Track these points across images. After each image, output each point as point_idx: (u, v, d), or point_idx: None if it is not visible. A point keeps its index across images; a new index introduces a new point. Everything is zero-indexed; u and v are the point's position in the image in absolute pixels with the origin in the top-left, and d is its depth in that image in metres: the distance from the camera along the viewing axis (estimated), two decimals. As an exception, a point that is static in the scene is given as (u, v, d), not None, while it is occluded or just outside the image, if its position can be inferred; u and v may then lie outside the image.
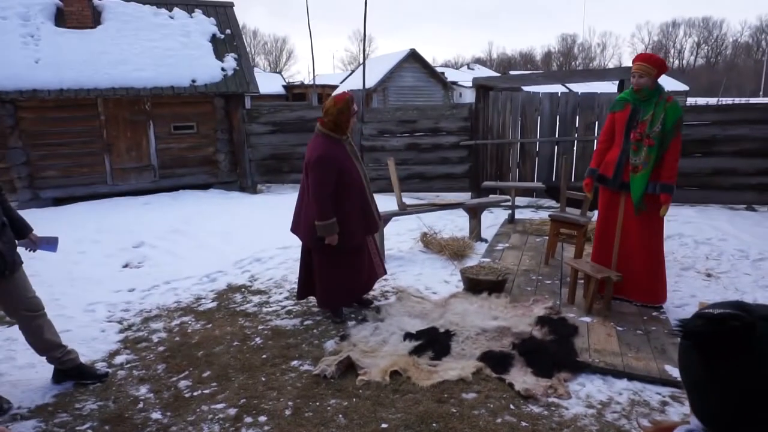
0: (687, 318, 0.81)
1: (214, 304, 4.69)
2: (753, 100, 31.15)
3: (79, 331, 4.09)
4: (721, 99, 30.91)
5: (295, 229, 4.21)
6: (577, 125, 8.41)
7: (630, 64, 4.22)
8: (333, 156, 3.87)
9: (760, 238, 6.08)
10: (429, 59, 30.20)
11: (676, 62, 75.19)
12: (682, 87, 38.20)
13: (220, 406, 3.06)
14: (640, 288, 4.20)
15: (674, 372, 3.21)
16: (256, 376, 3.38)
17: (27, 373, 3.46)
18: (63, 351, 3.30)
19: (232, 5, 11.54)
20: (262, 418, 2.92)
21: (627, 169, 4.06)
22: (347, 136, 4.07)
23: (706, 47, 75.87)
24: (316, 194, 3.83)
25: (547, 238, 5.65)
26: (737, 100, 31.98)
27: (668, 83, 36.91)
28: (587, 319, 4.00)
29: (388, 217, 5.79)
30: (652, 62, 3.91)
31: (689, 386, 0.82)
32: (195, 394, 3.21)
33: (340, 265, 4.09)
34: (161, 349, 3.83)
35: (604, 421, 2.83)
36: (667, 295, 4.28)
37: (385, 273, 4.55)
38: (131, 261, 5.94)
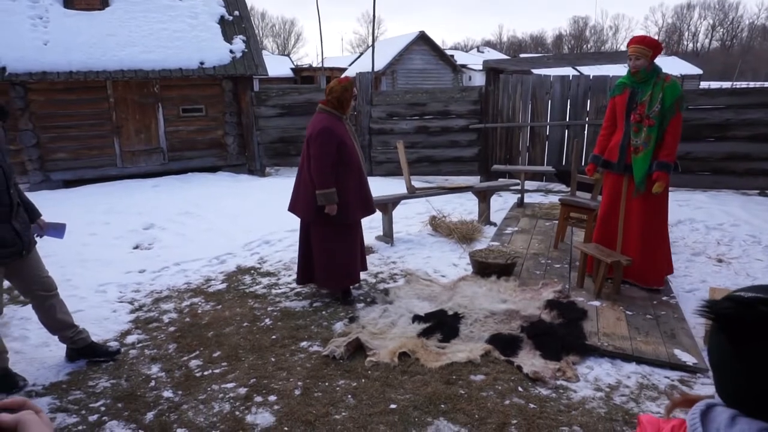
0: (715, 299, 0.79)
1: (224, 285, 4.72)
2: (768, 84, 30.55)
3: (90, 311, 4.14)
4: (735, 83, 30.38)
5: (293, 207, 4.25)
6: (588, 109, 8.30)
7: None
8: (335, 129, 3.95)
9: (773, 224, 6.01)
10: (438, 42, 29.88)
11: (690, 45, 73.85)
12: (696, 70, 37.59)
13: (230, 385, 3.10)
14: (634, 270, 4.17)
15: (683, 356, 3.20)
16: (266, 357, 3.41)
17: (41, 352, 3.52)
18: (75, 331, 3.34)
19: (240, -14, 11.44)
20: (272, 398, 2.96)
21: (630, 151, 4.03)
22: (347, 116, 4.17)
23: (722, 30, 74.30)
24: (317, 163, 3.90)
25: (556, 222, 5.62)
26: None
27: (682, 66, 36.35)
28: (596, 302, 3.99)
29: (396, 201, 5.78)
30: (647, 44, 3.89)
31: (714, 367, 0.80)
32: (206, 373, 3.25)
33: (337, 240, 4.14)
34: (172, 329, 3.87)
35: (612, 404, 2.84)
36: (672, 280, 4.23)
37: (366, 269, 4.56)
38: (141, 243, 5.99)
